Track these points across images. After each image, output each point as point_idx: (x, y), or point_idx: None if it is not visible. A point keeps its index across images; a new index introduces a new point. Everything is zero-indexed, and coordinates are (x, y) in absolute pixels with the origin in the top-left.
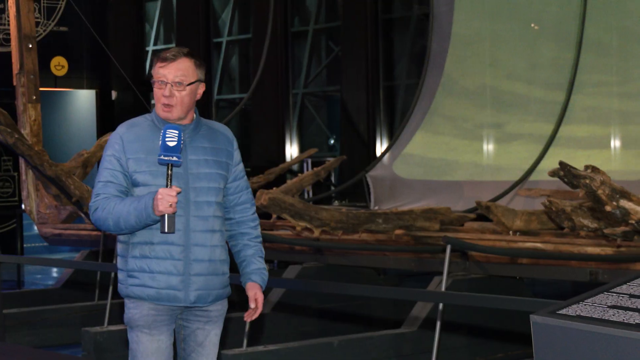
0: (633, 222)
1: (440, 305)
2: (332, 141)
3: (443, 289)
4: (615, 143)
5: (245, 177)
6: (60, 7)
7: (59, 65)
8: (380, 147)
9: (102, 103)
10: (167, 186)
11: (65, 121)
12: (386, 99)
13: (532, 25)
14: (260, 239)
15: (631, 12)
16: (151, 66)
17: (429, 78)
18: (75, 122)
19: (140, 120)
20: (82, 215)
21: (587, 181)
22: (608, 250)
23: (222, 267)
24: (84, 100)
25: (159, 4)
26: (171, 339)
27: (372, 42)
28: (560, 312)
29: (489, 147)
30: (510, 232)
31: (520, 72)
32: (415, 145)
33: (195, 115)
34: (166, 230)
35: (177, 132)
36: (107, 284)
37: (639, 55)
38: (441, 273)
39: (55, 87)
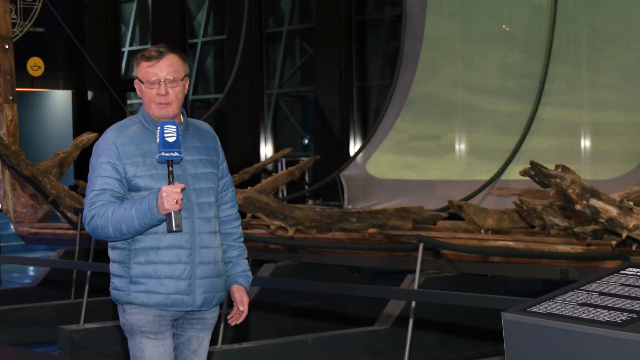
0: (603, 220)
1: (413, 303)
2: (306, 141)
3: (416, 287)
4: (585, 143)
5: (229, 175)
6: (37, 9)
7: (35, 65)
8: (354, 147)
9: (78, 103)
10: (169, 183)
11: (41, 121)
12: (359, 99)
13: (504, 26)
14: (243, 239)
15: (602, 14)
16: (130, 68)
17: (401, 78)
18: (51, 122)
19: (129, 123)
20: (59, 214)
21: (558, 180)
22: (578, 249)
23: (222, 268)
24: (60, 100)
25: (134, 5)
26: (173, 345)
27: (345, 43)
28: (531, 309)
29: (461, 147)
30: (482, 231)
31: (492, 72)
32: (389, 144)
33: (183, 116)
34: (174, 228)
35: (174, 127)
36: (83, 282)
37: (609, 58)
38: (414, 271)
39: (32, 87)
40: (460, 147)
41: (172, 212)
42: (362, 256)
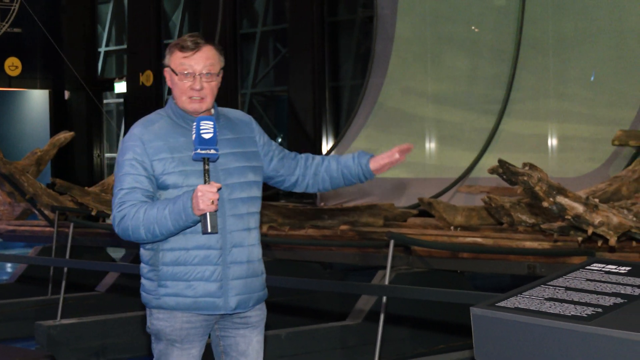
0: (569, 217)
1: (384, 299)
2: (279, 140)
3: (387, 282)
4: (552, 141)
5: (275, 144)
6: (14, 9)
7: (12, 65)
8: (326, 146)
9: (55, 103)
10: (205, 182)
11: (19, 120)
12: (332, 99)
13: (473, 27)
14: (318, 156)
15: (569, 14)
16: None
17: (373, 78)
18: (29, 121)
19: (156, 117)
20: (36, 212)
21: (525, 178)
22: (545, 245)
23: (260, 266)
24: (37, 100)
25: (110, 6)
26: (202, 352)
27: (318, 44)
28: (499, 304)
29: (431, 145)
30: (452, 228)
31: (461, 71)
32: (360, 143)
33: (214, 107)
34: (209, 230)
35: (211, 122)
36: (60, 278)
37: (576, 57)
38: (385, 267)
39: (9, 87)
40: (430, 145)
41: (208, 213)
42: (334, 253)
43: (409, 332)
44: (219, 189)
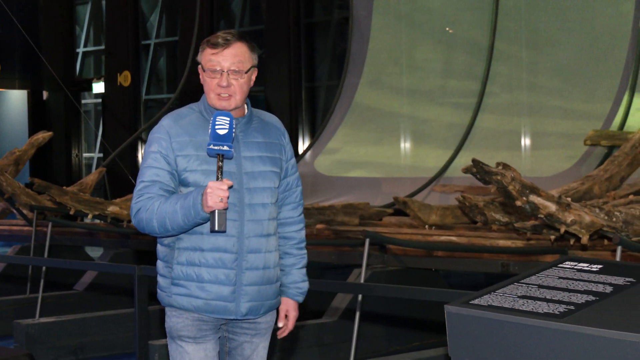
0: (542, 216)
1: (360, 296)
2: None
3: (362, 280)
4: (525, 141)
5: (297, 173)
6: None
7: None
8: (303, 145)
9: (34, 103)
10: (217, 179)
11: None
12: (308, 99)
13: (447, 28)
14: (304, 244)
15: (541, 12)
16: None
17: (349, 79)
18: (7, 121)
19: (187, 112)
20: (14, 211)
21: (499, 177)
22: (519, 243)
23: (275, 274)
24: (16, 100)
25: (88, 7)
26: (217, 349)
27: (294, 45)
28: (473, 302)
29: (406, 145)
30: (426, 226)
31: (436, 72)
32: (336, 143)
33: (247, 107)
34: (216, 228)
35: (228, 118)
36: (38, 277)
37: (549, 53)
38: (360, 265)
39: None
40: (405, 145)
41: (216, 211)
42: (310, 251)
43: (385, 330)
44: (231, 187)
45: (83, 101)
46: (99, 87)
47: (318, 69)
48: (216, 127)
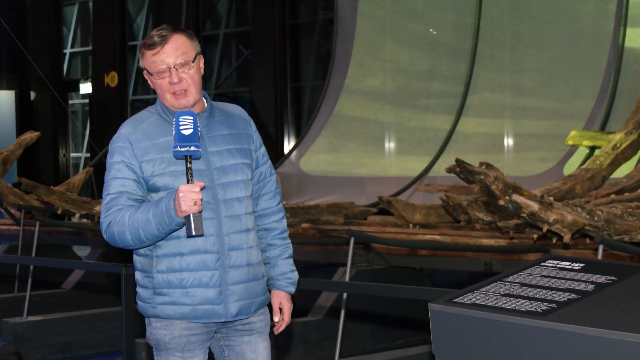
0: (525, 215)
1: (345, 295)
2: None
3: (347, 279)
4: (508, 141)
5: (269, 162)
6: None
7: None
8: (288, 145)
9: (21, 103)
10: (187, 182)
11: None
12: (293, 100)
13: (431, 30)
14: (287, 233)
15: (523, 15)
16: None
17: (333, 79)
18: None
19: (145, 116)
20: (2, 210)
21: (482, 177)
22: (501, 242)
23: (260, 269)
24: (3, 100)
25: (75, 8)
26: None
27: (280, 46)
28: (456, 300)
29: (390, 144)
30: (410, 225)
31: (420, 73)
32: (321, 143)
33: (207, 100)
34: (193, 232)
35: (191, 117)
36: (26, 276)
37: (531, 56)
38: (345, 264)
39: None
40: (390, 145)
41: (191, 215)
42: (295, 250)
43: (369, 328)
44: (203, 189)
45: (70, 101)
46: (86, 88)
47: (303, 69)
48: (180, 127)
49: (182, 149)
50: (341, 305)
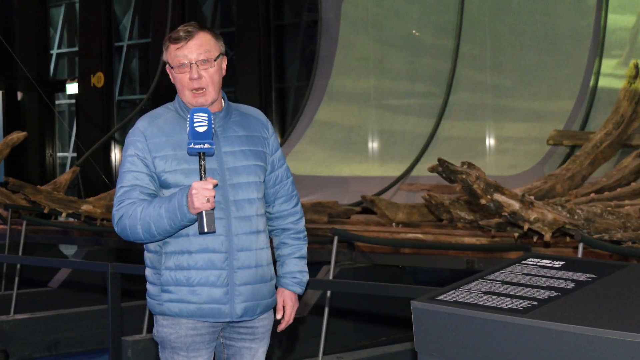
0: (506, 214)
1: (328, 293)
2: None
3: (331, 277)
4: (490, 141)
5: (286, 164)
6: None
7: None
8: None
9: (8, 103)
10: (200, 179)
11: None
12: (278, 100)
13: (414, 31)
14: (303, 234)
15: (505, 17)
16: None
17: (317, 80)
18: None
19: (162, 111)
20: None
21: (464, 176)
22: (483, 240)
23: (269, 272)
24: None
25: (62, 9)
26: (210, 359)
27: (264, 47)
28: (438, 298)
29: (373, 144)
30: (393, 224)
31: (403, 74)
32: (306, 143)
33: (224, 100)
34: (205, 229)
35: (205, 115)
36: (13, 274)
37: (512, 56)
38: (329, 262)
39: None
40: (373, 145)
41: (204, 212)
42: None
43: (353, 325)
44: (216, 186)
45: (57, 102)
46: (72, 88)
47: (288, 70)
48: (194, 124)
49: (196, 146)
50: (325, 303)
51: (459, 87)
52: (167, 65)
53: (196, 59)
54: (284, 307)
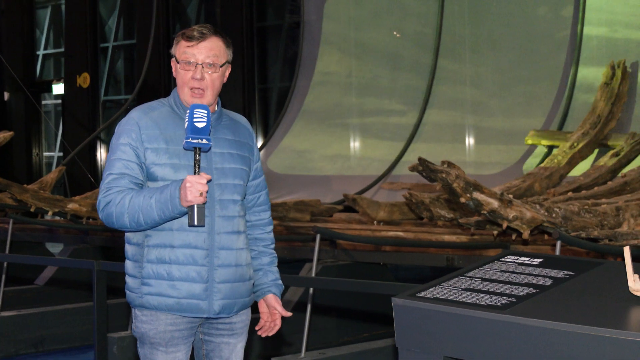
0: (485, 212)
1: (311, 290)
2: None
3: (313, 274)
4: (469, 140)
5: (263, 176)
6: None
7: None
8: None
9: None
10: (194, 173)
11: None
12: (261, 100)
13: (394, 33)
14: (274, 245)
15: (485, 19)
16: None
17: (300, 81)
18: None
19: (157, 105)
20: None
21: (444, 175)
22: (463, 238)
23: (248, 271)
24: None
25: (48, 11)
26: (188, 354)
27: (247, 48)
28: (419, 294)
29: (355, 144)
30: (375, 222)
31: (383, 74)
32: (288, 143)
33: (217, 105)
34: (196, 222)
35: (205, 111)
36: None
37: (491, 58)
38: (312, 260)
39: None
40: (355, 144)
41: (195, 205)
42: None
43: (335, 322)
44: (209, 181)
45: (43, 102)
46: (58, 89)
47: (270, 71)
48: (194, 119)
49: (194, 141)
50: (307, 300)
51: (440, 88)
52: (173, 59)
53: (203, 61)
54: (273, 312)
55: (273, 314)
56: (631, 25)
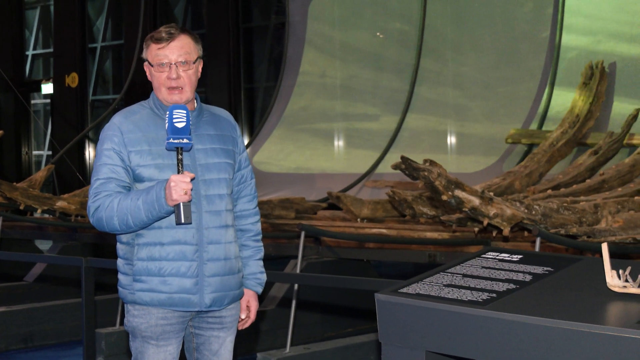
0: (466, 209)
1: (296, 286)
2: None
3: (298, 271)
4: (451, 139)
5: (250, 166)
6: None
7: None
8: None
9: None
10: (178, 172)
11: None
12: (247, 100)
13: (378, 34)
14: (260, 236)
15: (466, 20)
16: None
17: (285, 80)
18: None
19: (137, 109)
20: None
21: (426, 173)
22: (445, 235)
23: (237, 264)
24: None
25: (37, 11)
26: (179, 348)
27: (234, 48)
28: (401, 290)
29: (339, 142)
30: (358, 220)
31: (367, 74)
32: (274, 141)
33: (197, 101)
34: (182, 220)
35: (184, 111)
36: None
37: (473, 58)
38: (296, 257)
39: None
40: (339, 143)
41: (181, 204)
42: None
43: (319, 317)
44: (193, 179)
45: (32, 101)
46: (47, 88)
47: (256, 71)
48: (174, 120)
49: (175, 141)
50: (292, 296)
51: (421, 87)
52: (146, 63)
53: (176, 60)
54: (248, 306)
55: (244, 309)
56: (610, 26)
